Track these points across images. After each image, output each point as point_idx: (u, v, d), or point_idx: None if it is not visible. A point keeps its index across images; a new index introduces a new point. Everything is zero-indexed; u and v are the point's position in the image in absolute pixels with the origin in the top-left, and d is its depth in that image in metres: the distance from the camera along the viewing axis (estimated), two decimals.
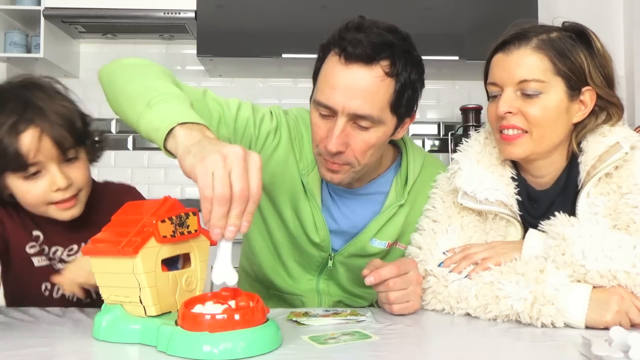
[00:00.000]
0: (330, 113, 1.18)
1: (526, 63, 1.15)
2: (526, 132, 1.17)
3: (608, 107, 1.19)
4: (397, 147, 1.41)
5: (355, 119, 1.17)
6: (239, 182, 0.83)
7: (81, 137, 1.18)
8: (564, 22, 1.22)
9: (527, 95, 1.16)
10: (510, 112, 1.16)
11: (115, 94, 1.13)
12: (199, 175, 0.84)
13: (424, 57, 1.25)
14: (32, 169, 1.11)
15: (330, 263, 1.37)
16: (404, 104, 1.21)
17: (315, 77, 1.25)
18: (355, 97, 1.15)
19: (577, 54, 1.16)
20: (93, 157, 1.25)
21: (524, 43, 1.17)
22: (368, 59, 1.15)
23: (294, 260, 1.40)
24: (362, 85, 1.15)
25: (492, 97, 1.22)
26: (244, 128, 1.30)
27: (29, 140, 1.09)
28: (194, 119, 0.97)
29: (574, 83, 1.16)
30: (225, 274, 0.87)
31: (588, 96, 1.18)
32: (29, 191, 1.13)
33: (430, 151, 3.18)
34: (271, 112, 1.36)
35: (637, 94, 2.96)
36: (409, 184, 1.35)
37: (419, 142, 3.20)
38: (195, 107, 1.10)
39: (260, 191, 0.85)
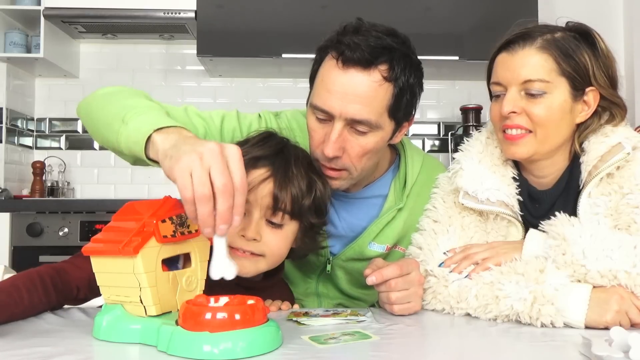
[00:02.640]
0: (327, 117, 1.17)
1: (531, 63, 1.15)
2: (530, 132, 1.17)
3: (611, 108, 1.19)
4: (395, 149, 1.39)
5: (352, 123, 1.16)
6: (220, 177, 0.81)
7: None
8: (567, 22, 1.21)
9: (531, 95, 1.15)
10: (514, 112, 1.16)
11: (93, 123, 1.11)
12: (177, 177, 0.83)
13: (424, 57, 1.24)
14: None
15: (328, 267, 1.36)
16: (402, 109, 1.20)
17: (312, 79, 1.24)
18: (352, 102, 1.14)
19: (581, 55, 1.16)
20: None
21: (528, 43, 1.16)
22: (366, 63, 1.13)
23: (292, 265, 1.39)
24: (359, 90, 1.14)
25: (495, 97, 1.22)
26: (231, 139, 1.29)
27: None
28: (170, 123, 0.96)
29: (578, 83, 1.16)
30: (223, 268, 0.86)
31: (591, 96, 1.18)
32: None
33: (430, 151, 3.18)
34: (260, 117, 1.34)
35: (637, 94, 2.96)
36: (407, 187, 1.34)
37: (419, 142, 3.19)
38: (180, 123, 1.09)
39: (245, 182, 0.83)
